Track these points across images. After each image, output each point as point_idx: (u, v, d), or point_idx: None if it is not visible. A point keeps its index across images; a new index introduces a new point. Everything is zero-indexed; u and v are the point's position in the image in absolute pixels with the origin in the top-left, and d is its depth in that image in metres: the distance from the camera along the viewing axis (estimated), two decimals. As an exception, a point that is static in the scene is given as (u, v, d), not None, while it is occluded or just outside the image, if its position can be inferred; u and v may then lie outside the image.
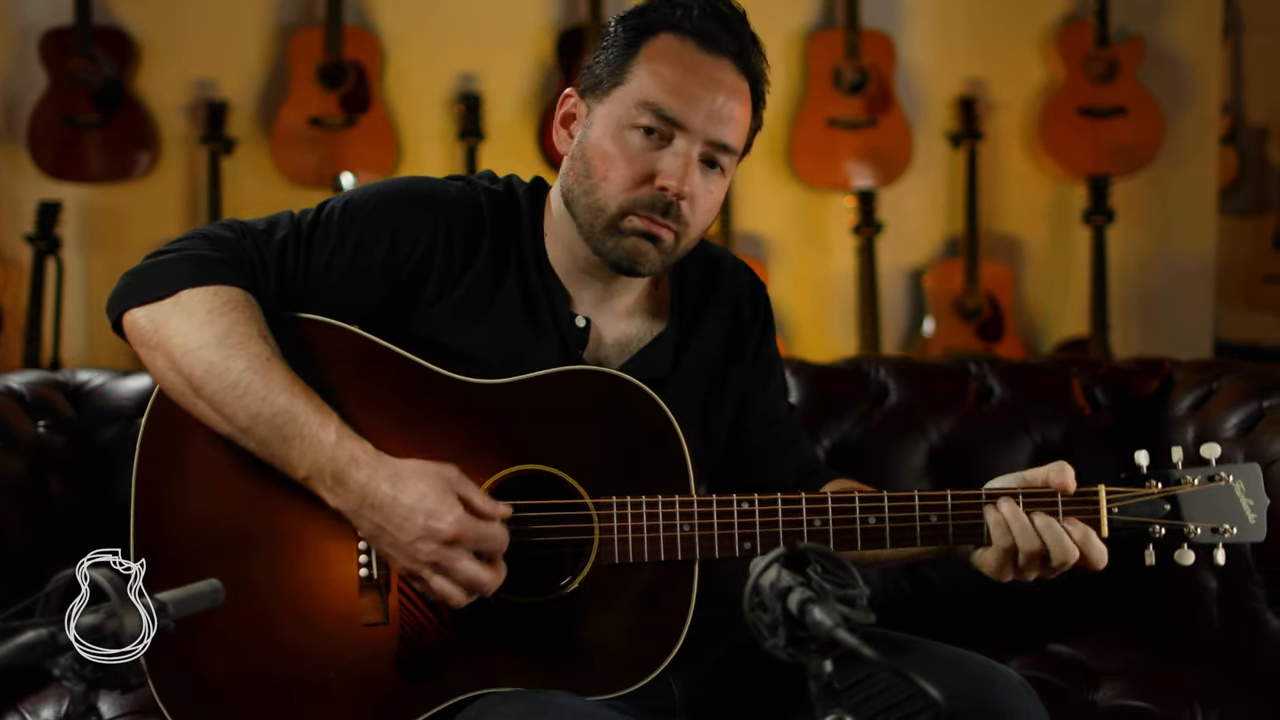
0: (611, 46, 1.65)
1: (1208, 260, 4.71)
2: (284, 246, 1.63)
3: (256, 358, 1.53)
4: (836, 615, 1.10)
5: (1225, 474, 1.58)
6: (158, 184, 4.39)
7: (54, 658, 1.07)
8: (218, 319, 1.54)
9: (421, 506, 1.48)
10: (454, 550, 1.49)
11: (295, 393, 1.53)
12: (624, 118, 1.61)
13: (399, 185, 1.71)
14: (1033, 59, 4.60)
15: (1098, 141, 4.51)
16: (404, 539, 1.49)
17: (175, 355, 1.54)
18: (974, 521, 1.59)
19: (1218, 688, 2.01)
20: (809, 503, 1.59)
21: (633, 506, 1.58)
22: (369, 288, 1.64)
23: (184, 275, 1.57)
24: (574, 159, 1.66)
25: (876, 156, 4.49)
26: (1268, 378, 2.27)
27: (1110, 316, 4.49)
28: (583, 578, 1.59)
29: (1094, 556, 1.56)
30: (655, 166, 1.60)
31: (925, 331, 4.57)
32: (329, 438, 1.51)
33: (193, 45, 4.34)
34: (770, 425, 1.86)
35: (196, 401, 1.55)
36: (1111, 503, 1.58)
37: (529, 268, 1.70)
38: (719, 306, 1.80)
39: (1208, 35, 4.65)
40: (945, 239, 4.64)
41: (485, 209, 1.69)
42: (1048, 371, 2.53)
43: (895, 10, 4.53)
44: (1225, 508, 1.57)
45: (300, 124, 4.32)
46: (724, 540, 1.59)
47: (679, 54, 1.61)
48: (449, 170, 4.40)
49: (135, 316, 1.59)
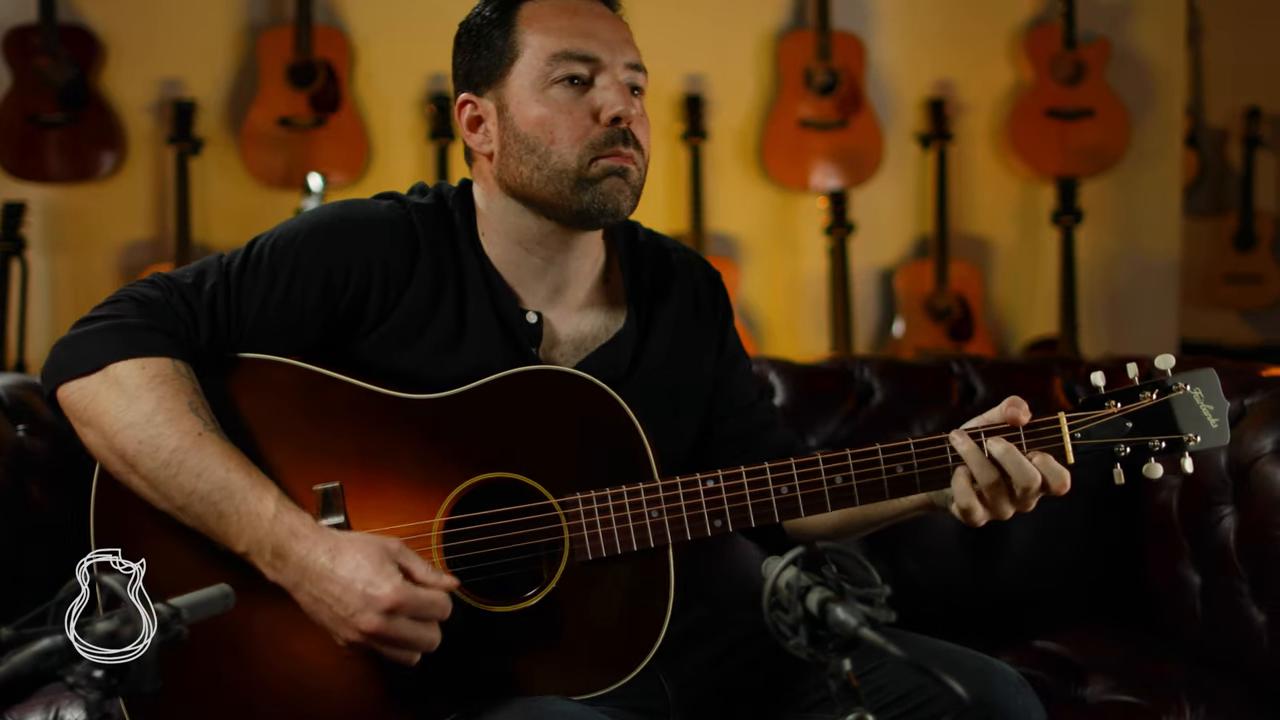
0: (484, 37, 1.67)
1: (1173, 260, 4.77)
2: (214, 296, 1.60)
3: (188, 434, 1.50)
4: (859, 614, 1.10)
5: (1182, 384, 1.57)
6: (124, 184, 4.33)
7: (69, 666, 1.05)
8: (146, 394, 1.51)
9: (359, 576, 1.46)
10: (394, 620, 1.46)
11: (231, 466, 1.50)
12: (538, 81, 1.63)
13: (327, 216, 1.68)
14: (1001, 61, 4.64)
15: (1065, 143, 4.56)
16: (343, 611, 1.47)
17: (107, 433, 1.52)
18: (940, 466, 1.57)
19: (1204, 681, 2.04)
20: (773, 471, 1.58)
21: (598, 500, 1.57)
22: (306, 322, 1.62)
23: (111, 347, 1.54)
24: (506, 147, 1.65)
25: (847, 157, 4.51)
26: (1248, 376, 2.30)
27: (1079, 316, 4.54)
28: (558, 578, 1.57)
29: (1055, 482, 1.53)
30: (593, 106, 1.62)
31: (895, 332, 4.60)
32: (267, 511, 1.49)
33: (159, 44, 4.29)
34: (745, 411, 1.85)
35: (132, 478, 1.53)
36: (1074, 428, 1.57)
37: (470, 273, 1.68)
38: (676, 299, 1.79)
39: (1172, 38, 4.71)
40: (915, 239, 4.67)
41: (417, 225, 1.67)
42: (1029, 370, 2.55)
43: (866, 12, 4.56)
44: (1187, 417, 1.56)
45: (269, 124, 4.28)
46: (694, 521, 1.58)
47: (558, 7, 1.65)
48: (420, 170, 4.38)
49: (68, 391, 1.56)
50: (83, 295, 4.31)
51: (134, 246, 4.35)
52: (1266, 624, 2.04)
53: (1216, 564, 2.16)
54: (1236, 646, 2.09)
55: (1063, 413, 1.58)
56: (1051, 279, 4.62)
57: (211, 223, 4.32)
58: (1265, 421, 2.13)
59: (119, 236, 4.35)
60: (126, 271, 4.32)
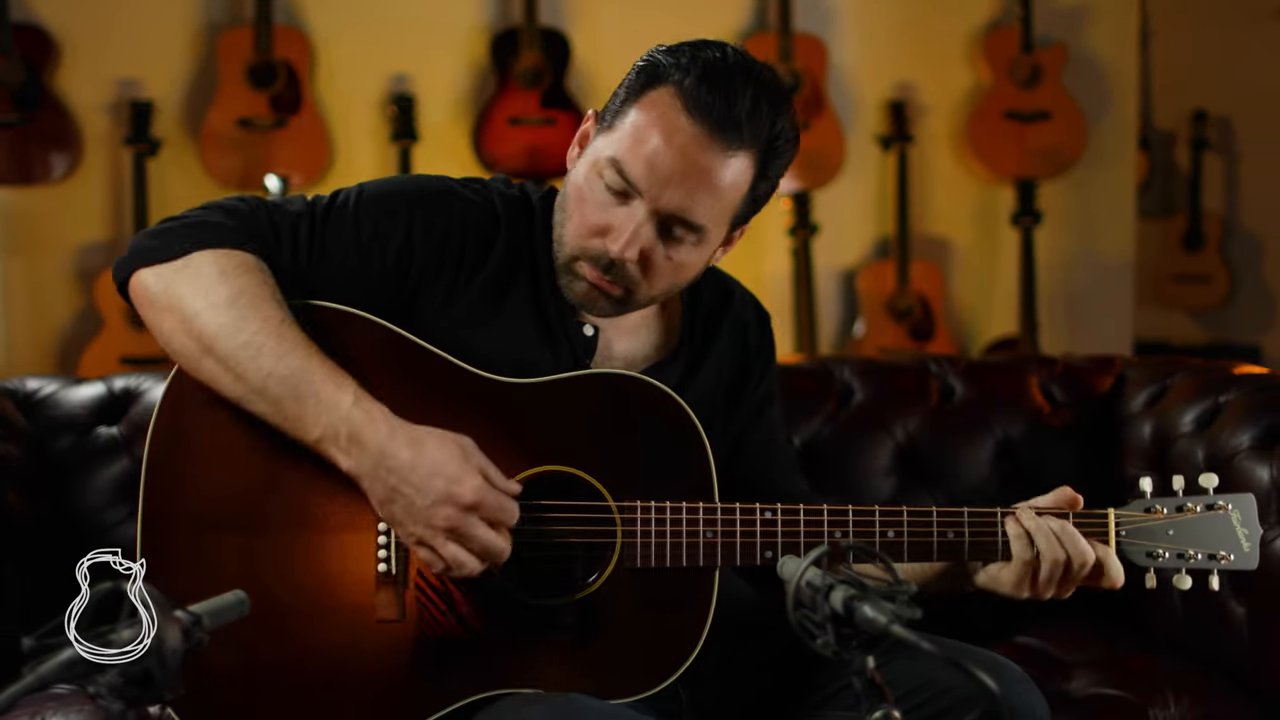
0: (625, 85, 1.61)
1: (1128, 260, 4.85)
2: (298, 225, 1.61)
3: (270, 319, 1.51)
4: (888, 612, 1.11)
5: (1225, 503, 1.64)
6: (79, 186, 4.25)
7: (93, 676, 1.03)
8: (230, 280, 1.52)
9: (442, 471, 1.47)
10: (470, 517, 1.48)
11: (311, 354, 1.51)
12: (597, 164, 1.59)
13: (417, 181, 1.70)
14: (960, 64, 4.69)
15: (1023, 145, 4.62)
16: (421, 503, 1.48)
17: (186, 315, 1.52)
18: (989, 538, 1.62)
19: (1187, 675, 2.07)
20: (830, 514, 1.61)
21: (656, 511, 1.59)
22: (377, 279, 1.62)
23: (196, 239, 1.55)
24: (566, 183, 1.66)
25: (809, 159, 4.53)
26: (1221, 374, 2.34)
27: (1038, 316, 4.60)
28: (604, 580, 1.58)
29: (1113, 572, 1.60)
30: (609, 222, 1.58)
31: (856, 333, 4.63)
32: (346, 398, 1.49)
33: (115, 43, 4.22)
34: (768, 453, 1.87)
35: (206, 361, 1.52)
36: (1120, 526, 1.64)
37: (539, 274, 1.69)
38: (727, 338, 1.81)
39: (1125, 42, 4.79)
40: (876, 240, 4.71)
41: (500, 212, 1.68)
42: (1005, 370, 2.58)
43: (827, 14, 4.58)
44: (1222, 535, 1.63)
45: (229, 125, 4.22)
46: (746, 548, 1.60)
47: (665, 116, 1.54)
48: (382, 172, 4.34)
49: (144, 277, 1.56)
50: (37, 298, 4.24)
51: (89, 249, 4.27)
52: (1245, 617, 2.08)
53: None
54: (1217, 640, 2.13)
55: (1112, 509, 1.64)
56: (1010, 279, 4.68)
57: (170, 225, 4.25)
58: (1241, 418, 2.18)
59: (74, 239, 4.27)
60: (82, 275, 4.24)
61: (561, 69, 4.36)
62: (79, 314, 4.24)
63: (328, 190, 1.70)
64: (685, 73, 1.55)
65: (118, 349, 4.11)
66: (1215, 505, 1.64)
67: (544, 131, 4.36)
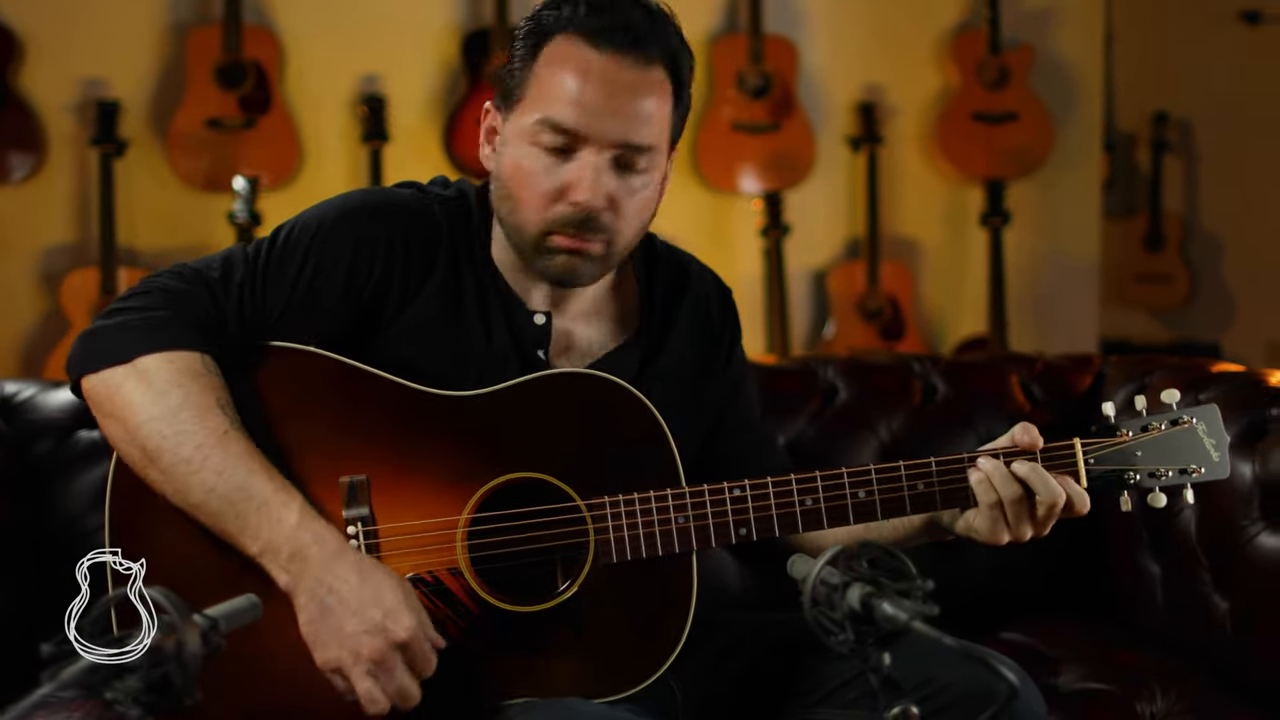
0: (515, 55, 1.61)
1: (1094, 260, 4.91)
2: (241, 288, 1.59)
3: (213, 431, 1.49)
4: (908, 608, 1.12)
5: (1189, 417, 1.64)
6: (44, 187, 4.19)
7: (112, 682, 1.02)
8: (173, 390, 1.50)
9: (382, 604, 1.46)
10: (395, 655, 1.46)
11: (254, 469, 1.49)
12: (526, 134, 1.58)
13: (352, 200, 1.68)
14: (928, 66, 4.72)
15: (991, 146, 4.66)
16: (352, 628, 1.45)
17: (130, 426, 1.51)
18: (959, 485, 1.61)
19: (1172, 669, 2.10)
20: (799, 483, 1.61)
21: (625, 504, 1.58)
22: (331, 308, 1.61)
23: (139, 340, 1.53)
24: (495, 178, 1.64)
25: (780, 160, 4.55)
26: (1199, 372, 2.37)
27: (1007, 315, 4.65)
28: (582, 580, 1.58)
29: (1079, 501, 1.60)
30: (564, 180, 1.57)
31: (826, 333, 4.65)
32: (291, 517, 1.48)
33: (81, 42, 4.16)
34: (746, 430, 1.87)
35: (150, 472, 1.52)
36: (1087, 453, 1.63)
37: (481, 271, 1.68)
38: (689, 312, 1.80)
39: (1091, 44, 4.85)
40: (846, 241, 4.73)
41: (439, 216, 1.67)
42: (986, 369, 2.60)
43: (797, 16, 4.60)
44: (1191, 449, 1.64)
45: (198, 125, 4.18)
46: (719, 529, 1.60)
47: (572, 58, 1.55)
48: (353, 173, 4.32)
49: (92, 383, 1.55)
50: (1, 301, 4.17)
51: (54, 251, 4.22)
52: (1229, 611, 2.11)
53: (1177, 554, 2.23)
54: (1201, 634, 2.16)
55: (1078, 438, 1.64)
56: (979, 279, 4.72)
57: (137, 226, 4.20)
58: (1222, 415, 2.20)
59: (38, 241, 4.21)
60: (46, 277, 4.18)
61: (533, 70, 4.35)
62: (44, 316, 4.18)
63: (297, 191, 1.69)
64: (574, 10, 1.57)
65: (84, 352, 4.05)
66: (1180, 420, 1.64)
67: (515, 132, 4.35)
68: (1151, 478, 1.63)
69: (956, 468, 1.61)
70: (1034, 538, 1.62)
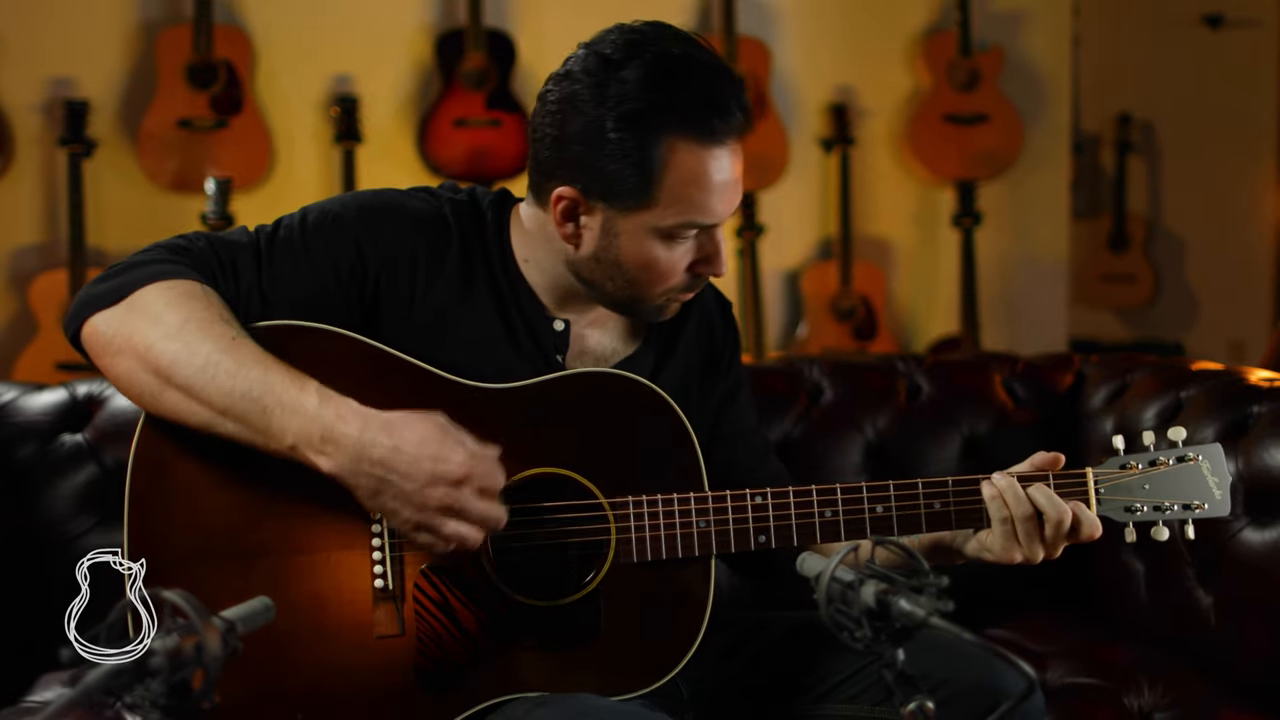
0: (621, 156, 1.56)
1: (1062, 260, 4.96)
2: (243, 256, 1.59)
3: (221, 338, 1.49)
4: (924, 604, 1.13)
5: (1195, 454, 1.69)
6: (11, 188, 4.15)
7: (134, 687, 1.01)
8: (176, 309, 1.50)
9: (425, 451, 1.46)
10: (463, 491, 1.47)
11: (268, 365, 1.49)
12: (662, 232, 1.59)
13: (361, 198, 1.69)
14: (899, 68, 4.76)
15: (962, 147, 4.71)
16: (410, 486, 1.46)
17: (139, 351, 1.50)
18: (974, 506, 1.65)
19: (1157, 662, 2.13)
20: (819, 494, 1.64)
21: (648, 505, 1.60)
22: (333, 300, 1.61)
23: (138, 279, 1.53)
24: (597, 257, 1.63)
25: (754, 161, 4.55)
26: (1179, 370, 2.40)
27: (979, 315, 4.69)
28: (601, 578, 1.59)
29: (1087, 525, 1.64)
30: (690, 255, 1.63)
31: (799, 334, 4.67)
32: (310, 400, 1.47)
33: (49, 41, 4.12)
34: (743, 438, 1.89)
35: (167, 393, 1.50)
36: (1098, 484, 1.68)
37: (498, 275, 1.68)
38: (693, 326, 1.82)
39: (1059, 47, 4.90)
40: (819, 241, 4.76)
41: (450, 219, 1.67)
42: (969, 368, 2.62)
43: (769, 18, 4.63)
44: (1195, 485, 1.69)
45: (168, 126, 4.14)
46: (739, 535, 1.62)
47: (698, 167, 1.57)
48: (325, 174, 4.30)
49: (94, 324, 1.54)
50: (-32, 304, 4.12)
51: (22, 252, 4.17)
52: (1213, 606, 2.14)
53: (1160, 551, 2.25)
54: (1185, 629, 2.19)
55: (1090, 468, 1.68)
56: (950, 280, 4.76)
57: (106, 227, 4.15)
58: (1203, 413, 2.23)
59: (6, 242, 4.16)
60: (15, 279, 4.14)
61: (506, 71, 4.35)
62: (12, 319, 4.14)
63: (268, 192, 1.69)
64: (687, 107, 1.56)
65: (53, 355, 4.00)
66: (1186, 457, 1.69)
67: (489, 133, 4.35)
68: (1156, 511, 1.68)
69: (972, 488, 1.65)
70: (1046, 559, 1.66)
